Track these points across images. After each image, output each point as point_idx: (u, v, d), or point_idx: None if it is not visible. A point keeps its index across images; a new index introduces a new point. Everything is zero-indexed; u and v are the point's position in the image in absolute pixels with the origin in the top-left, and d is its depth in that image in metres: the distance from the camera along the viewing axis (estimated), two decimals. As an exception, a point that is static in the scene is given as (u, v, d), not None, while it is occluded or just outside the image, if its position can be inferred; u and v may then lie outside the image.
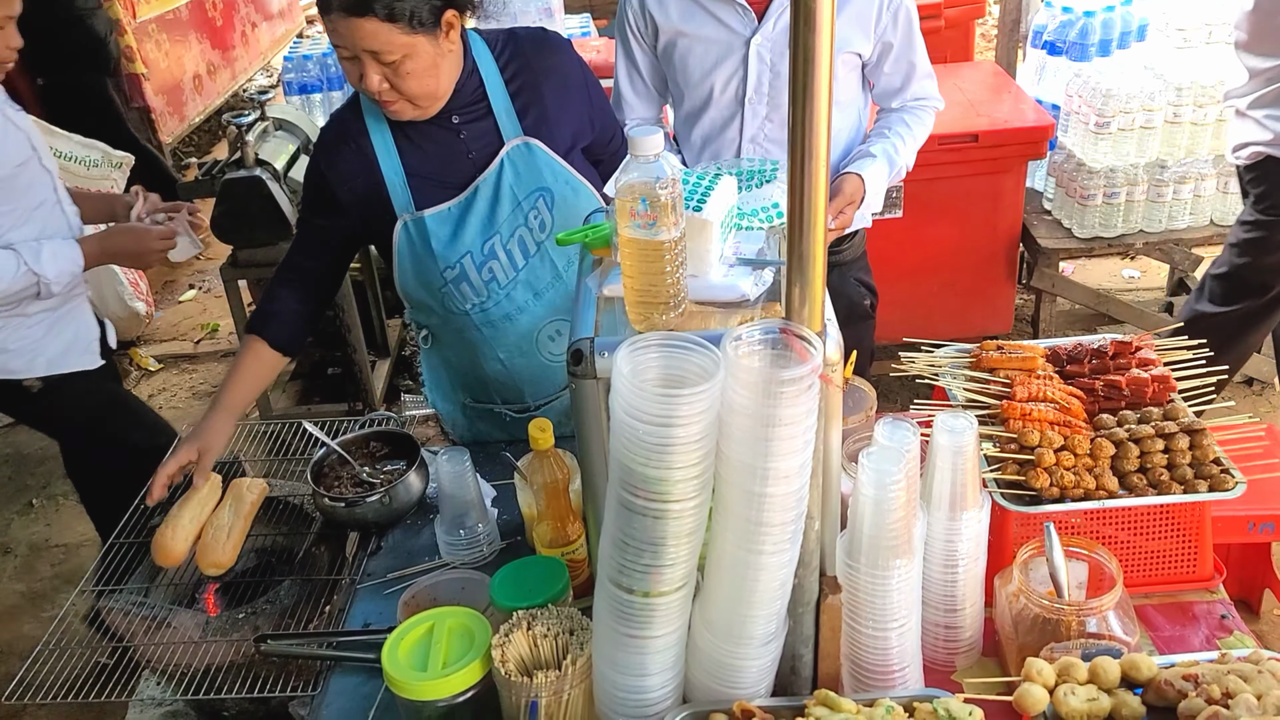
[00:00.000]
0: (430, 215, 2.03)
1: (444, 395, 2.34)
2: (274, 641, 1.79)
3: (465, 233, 2.05)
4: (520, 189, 2.06)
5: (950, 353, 2.00)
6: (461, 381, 2.29)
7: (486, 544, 1.94)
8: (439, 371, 2.31)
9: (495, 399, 2.28)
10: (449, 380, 2.31)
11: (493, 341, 2.15)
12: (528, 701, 1.40)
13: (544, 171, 2.07)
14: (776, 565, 1.26)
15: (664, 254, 1.30)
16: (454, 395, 2.32)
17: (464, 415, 2.33)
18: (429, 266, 2.07)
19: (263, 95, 4.00)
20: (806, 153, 1.17)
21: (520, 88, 2.06)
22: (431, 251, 2.05)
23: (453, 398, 2.33)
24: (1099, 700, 1.33)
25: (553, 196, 2.08)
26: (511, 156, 2.05)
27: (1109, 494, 1.68)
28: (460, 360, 2.24)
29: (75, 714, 3.13)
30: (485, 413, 2.31)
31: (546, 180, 2.07)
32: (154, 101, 6.45)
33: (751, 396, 1.17)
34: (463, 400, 2.32)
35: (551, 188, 2.07)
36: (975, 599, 1.62)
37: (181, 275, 5.89)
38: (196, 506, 2.04)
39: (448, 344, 2.23)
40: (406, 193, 2.03)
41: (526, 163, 2.05)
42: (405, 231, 2.05)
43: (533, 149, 2.05)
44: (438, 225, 2.04)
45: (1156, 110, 3.62)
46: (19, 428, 4.58)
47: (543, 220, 2.08)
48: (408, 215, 2.04)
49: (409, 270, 2.10)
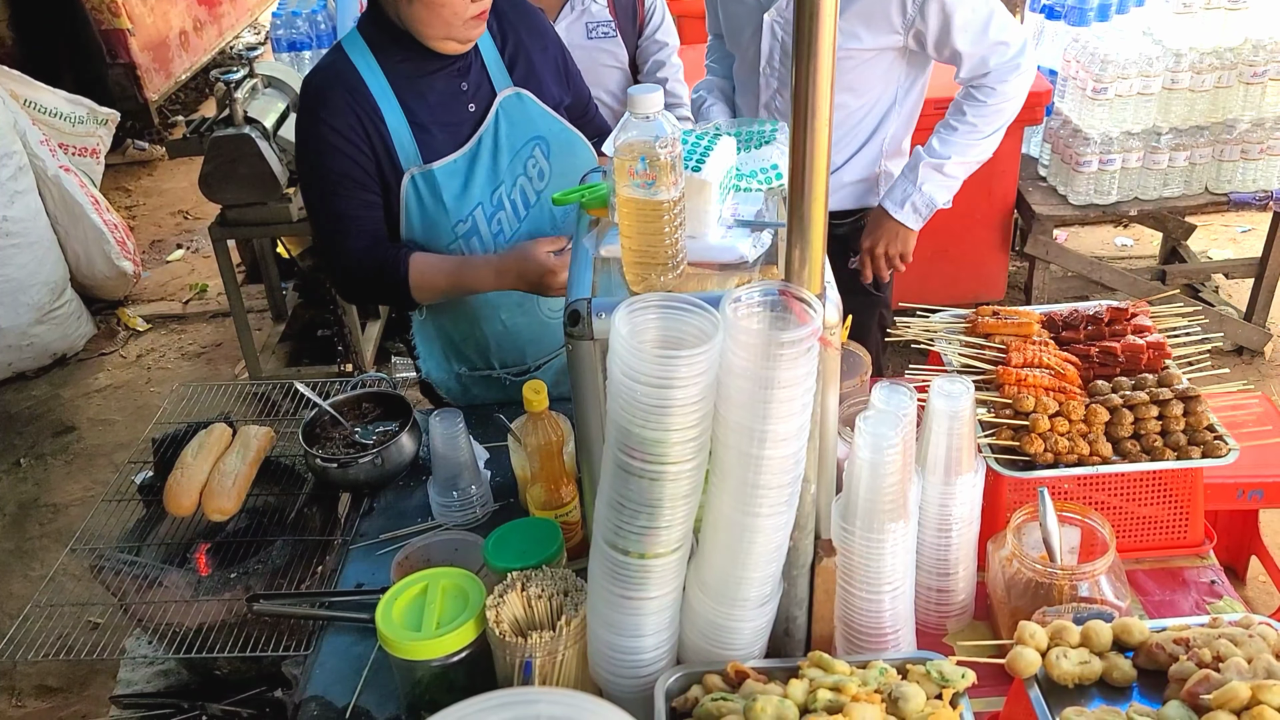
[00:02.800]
0: (439, 168, 2.00)
1: (438, 364, 2.31)
2: (266, 601, 1.79)
3: (474, 184, 2.02)
4: (516, 138, 2.05)
5: (946, 318, 2.00)
6: (457, 350, 2.26)
7: (479, 506, 1.94)
8: (433, 342, 2.28)
9: (494, 364, 2.26)
10: (443, 350, 2.28)
11: (495, 300, 2.13)
12: (522, 661, 1.40)
13: (537, 121, 2.07)
14: (772, 528, 1.26)
15: (663, 214, 1.29)
16: (449, 365, 2.30)
17: (459, 383, 2.32)
18: (439, 221, 2.03)
19: (251, 52, 3.94)
20: (809, 114, 1.15)
21: (505, 42, 2.08)
22: (443, 206, 2.01)
23: (447, 367, 2.30)
24: (1091, 663, 1.33)
25: (548, 145, 2.08)
26: (505, 106, 2.04)
27: (1103, 460, 1.68)
28: (458, 327, 2.22)
29: (67, 672, 3.14)
30: (481, 379, 2.29)
31: (540, 129, 2.07)
32: (139, 58, 6.37)
33: (750, 358, 1.16)
34: (458, 370, 2.30)
35: (546, 136, 2.08)
36: (968, 563, 1.62)
37: (169, 235, 5.83)
38: (207, 452, 2.04)
39: (445, 311, 2.20)
40: (413, 144, 1.98)
41: (520, 112, 2.06)
42: (414, 186, 2.01)
43: (524, 99, 2.06)
44: (448, 178, 2.00)
45: (1154, 77, 3.59)
46: (5, 387, 4.56)
47: (541, 169, 2.08)
48: (415, 169, 1.99)
49: (417, 227, 2.05)
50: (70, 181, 4.71)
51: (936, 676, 1.30)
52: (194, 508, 2.01)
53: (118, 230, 4.96)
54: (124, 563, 1.97)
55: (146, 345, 4.87)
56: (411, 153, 1.99)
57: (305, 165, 2.04)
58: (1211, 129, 3.68)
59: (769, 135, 1.60)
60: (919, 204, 2.56)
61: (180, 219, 6.00)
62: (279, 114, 3.82)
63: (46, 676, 3.15)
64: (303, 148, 2.02)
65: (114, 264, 4.90)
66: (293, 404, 2.38)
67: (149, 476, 2.19)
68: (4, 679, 3.17)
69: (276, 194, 3.71)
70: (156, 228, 5.92)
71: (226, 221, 3.83)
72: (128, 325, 4.99)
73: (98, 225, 4.79)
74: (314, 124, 1.98)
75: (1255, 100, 3.62)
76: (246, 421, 2.24)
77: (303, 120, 2.01)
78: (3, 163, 4.37)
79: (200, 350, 4.80)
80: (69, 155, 5.10)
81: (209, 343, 4.85)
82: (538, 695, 0.96)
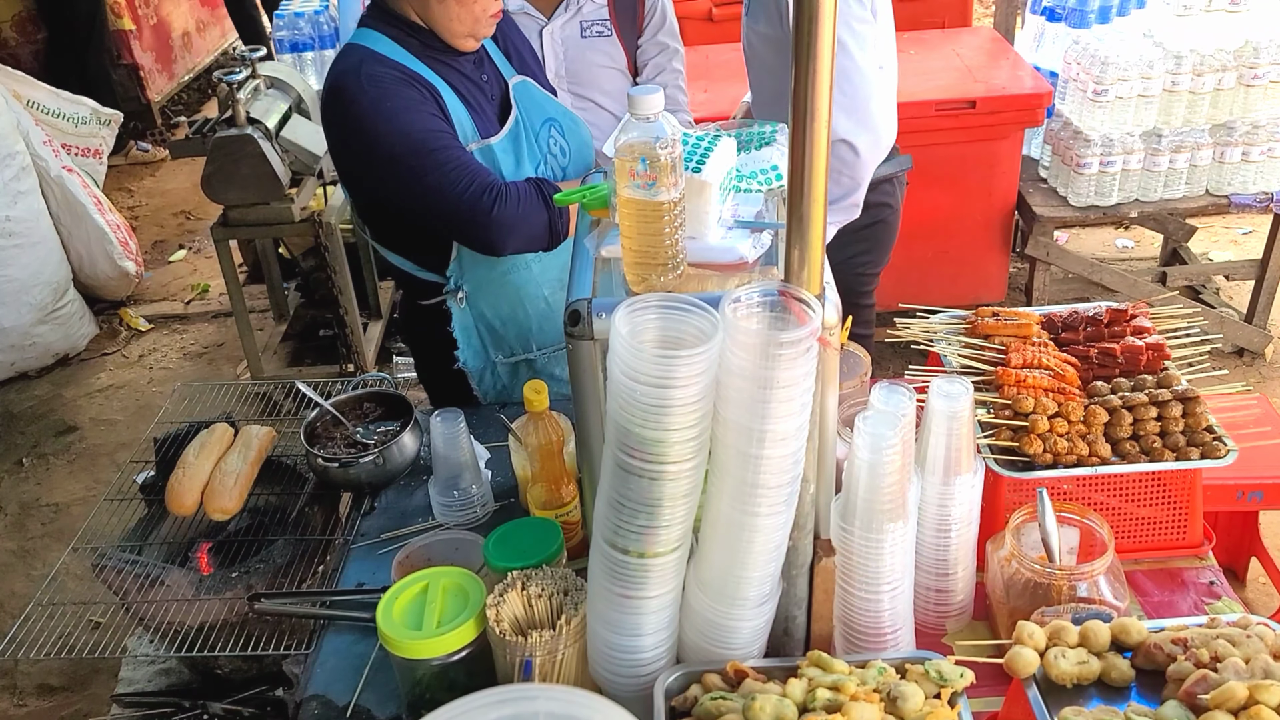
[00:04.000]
0: (497, 142, 2.03)
1: (475, 354, 2.29)
2: (267, 600, 1.80)
3: (524, 159, 2.07)
4: (534, 122, 2.12)
5: (945, 319, 2.00)
6: (496, 337, 2.27)
7: (480, 505, 1.95)
8: (471, 332, 2.27)
9: (533, 346, 2.29)
10: (481, 338, 2.28)
11: (540, 278, 2.18)
12: (522, 660, 1.40)
13: (546, 105, 2.16)
14: (771, 527, 1.27)
15: (663, 215, 1.29)
16: (486, 354, 2.30)
17: (493, 374, 2.33)
18: None
19: (254, 53, 3.94)
20: (808, 115, 1.16)
21: (498, 36, 2.16)
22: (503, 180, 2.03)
23: (484, 356, 2.30)
24: (1089, 663, 1.34)
25: (561, 126, 2.16)
26: (519, 93, 2.12)
27: (1101, 460, 1.69)
28: (499, 311, 2.23)
29: (69, 670, 3.14)
30: (512, 368, 2.32)
31: (551, 112, 2.16)
32: (142, 59, 6.38)
33: (749, 358, 1.16)
34: (495, 358, 2.31)
35: (556, 117, 2.16)
36: (967, 563, 1.63)
37: (171, 235, 5.84)
38: (209, 451, 2.05)
39: (486, 296, 2.20)
40: (470, 121, 2.02)
41: (529, 98, 2.14)
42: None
43: (529, 85, 2.15)
44: (504, 153, 2.04)
45: (1155, 79, 3.60)
46: (8, 386, 4.57)
47: (562, 146, 2.15)
48: (475, 144, 2.01)
49: None
50: (73, 182, 4.72)
51: (935, 676, 1.30)
52: (195, 507, 2.02)
53: (120, 230, 4.97)
54: (126, 562, 1.98)
55: (149, 345, 4.88)
56: (470, 129, 2.02)
57: (386, 144, 1.90)
58: (1212, 131, 3.68)
59: (769, 136, 1.61)
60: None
61: (183, 219, 6.01)
62: (281, 115, 3.83)
63: (48, 675, 3.16)
64: (384, 126, 1.90)
65: (116, 264, 4.91)
66: (294, 404, 2.39)
67: (150, 476, 2.19)
68: (6, 678, 3.18)
69: (278, 194, 3.71)
70: (159, 228, 5.93)
71: (228, 222, 3.84)
72: (130, 325, 5.00)
73: (100, 225, 4.80)
74: (377, 102, 1.89)
75: (1256, 102, 3.62)
76: (248, 421, 2.24)
77: (359, 107, 1.90)
78: (6, 163, 4.38)
79: (202, 350, 4.81)
80: (72, 156, 5.11)
81: (211, 343, 4.86)
82: (538, 692, 0.97)
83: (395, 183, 1.96)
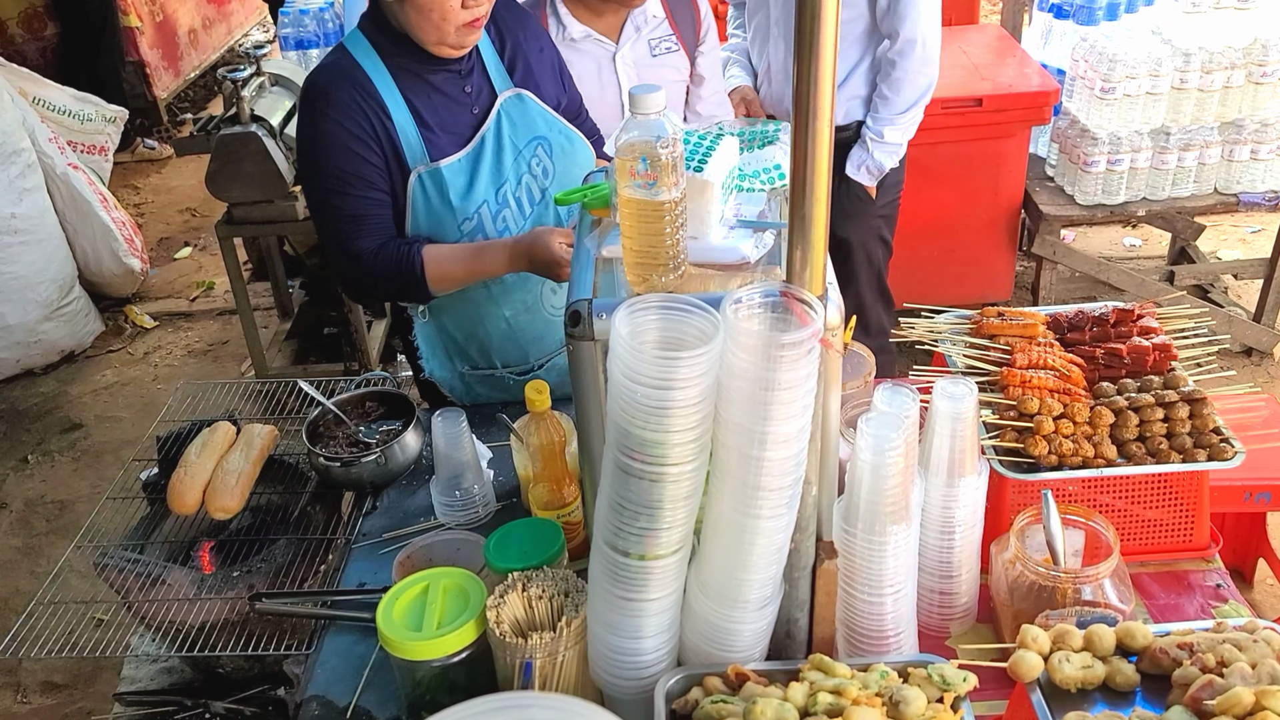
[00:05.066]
0: (446, 165, 2.00)
1: (441, 364, 2.30)
2: (269, 600, 1.80)
3: (479, 182, 2.03)
4: (519, 138, 2.07)
5: (950, 319, 1.99)
6: (460, 350, 2.26)
7: (482, 505, 1.94)
8: (435, 343, 2.27)
9: (496, 363, 2.26)
10: (445, 350, 2.28)
11: (500, 299, 2.14)
12: (522, 662, 1.40)
13: (538, 121, 2.09)
14: (773, 530, 1.26)
15: (664, 214, 1.28)
16: (452, 364, 2.30)
17: (462, 383, 2.31)
18: (445, 220, 2.04)
19: (259, 50, 3.95)
20: (810, 114, 1.15)
21: (504, 44, 2.09)
22: (449, 204, 2.02)
23: (450, 367, 2.30)
24: (1094, 668, 1.32)
25: (550, 145, 2.10)
26: (506, 108, 2.06)
27: (1107, 462, 1.67)
28: (460, 328, 2.22)
29: (72, 668, 3.15)
30: (485, 378, 2.29)
31: (541, 130, 2.09)
32: (148, 56, 6.38)
33: (751, 360, 1.15)
34: (461, 369, 2.30)
35: (548, 136, 2.10)
36: (971, 566, 1.62)
37: (177, 233, 5.85)
38: (211, 450, 2.04)
39: (447, 311, 2.20)
40: (420, 143, 1.99)
41: (521, 113, 2.07)
42: (420, 185, 2.01)
43: (525, 100, 2.08)
44: (454, 176, 2.01)
45: (1163, 76, 3.58)
46: (13, 383, 4.58)
47: (545, 167, 2.09)
48: (423, 167, 1.99)
49: (423, 225, 2.05)
50: (79, 179, 4.72)
51: (938, 680, 1.29)
52: (197, 506, 2.01)
53: (125, 228, 4.98)
54: (128, 560, 1.98)
55: (153, 342, 4.88)
56: (419, 151, 1.99)
57: (311, 164, 2.01)
58: (1221, 129, 3.66)
59: (772, 135, 1.60)
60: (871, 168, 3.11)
61: (188, 216, 6.02)
62: (285, 112, 3.83)
63: (52, 673, 3.17)
64: (310, 146, 2.00)
65: (122, 261, 4.92)
66: (297, 402, 2.39)
67: (153, 474, 2.19)
68: (10, 675, 3.19)
69: (283, 192, 3.72)
70: (164, 225, 5.94)
71: (233, 219, 3.84)
72: (135, 322, 5.00)
73: (106, 223, 4.80)
74: (321, 121, 1.96)
75: (1265, 100, 3.60)
76: (251, 420, 2.24)
77: (308, 118, 1.99)
78: (11, 160, 4.38)
79: (207, 347, 4.81)
80: (77, 153, 5.12)
81: (215, 340, 4.86)
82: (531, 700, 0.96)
83: (309, 204, 2.09)
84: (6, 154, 4.36)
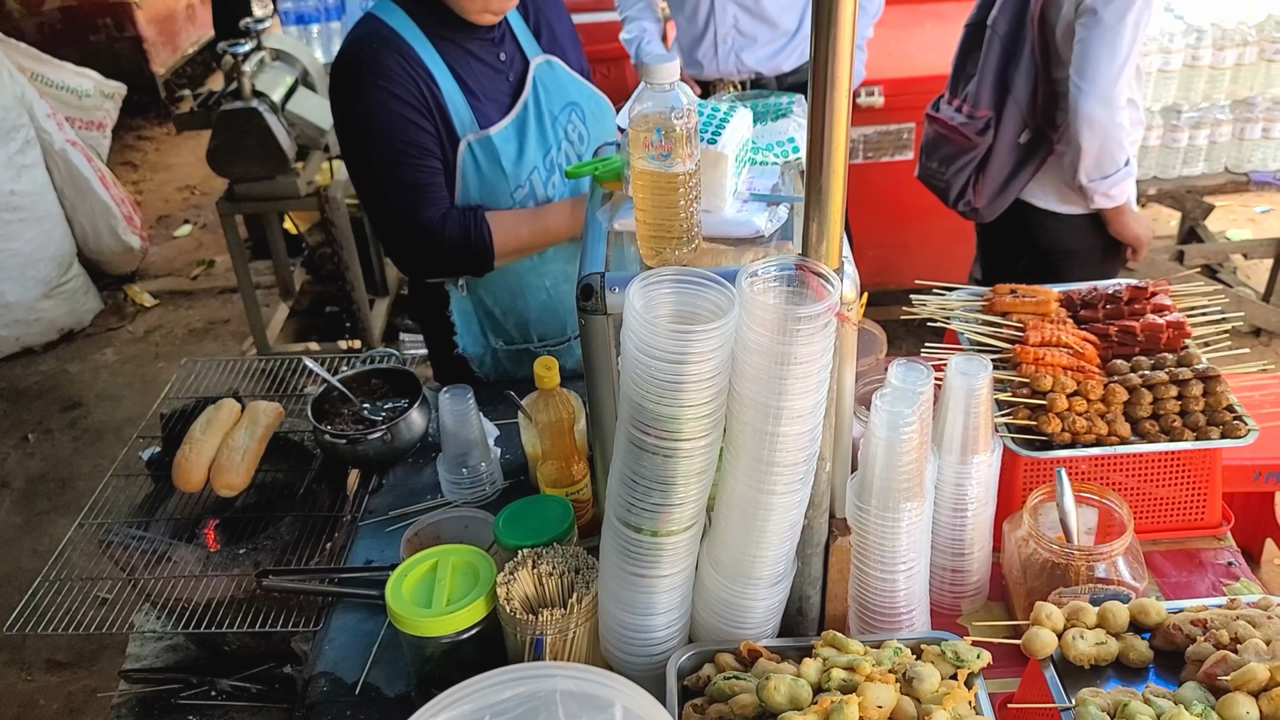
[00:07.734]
0: (496, 134, 1.98)
1: (474, 340, 2.27)
2: (275, 577, 1.78)
3: (528, 148, 2.02)
4: (554, 104, 2.06)
5: (963, 296, 1.97)
6: (496, 325, 2.24)
7: (489, 483, 1.93)
8: (471, 318, 2.24)
9: (533, 337, 2.24)
10: (480, 325, 2.25)
11: (541, 269, 2.14)
12: (533, 639, 1.39)
13: (569, 87, 2.09)
14: (787, 506, 1.25)
15: (678, 187, 1.27)
16: (485, 340, 2.27)
17: (493, 359, 2.30)
18: (499, 187, 2.01)
19: (259, 25, 3.90)
20: (828, 86, 1.13)
21: (529, 11, 2.08)
22: (502, 171, 1.99)
23: (484, 342, 2.27)
24: (1107, 644, 1.32)
25: (583, 111, 2.10)
26: (539, 74, 2.05)
27: (1121, 440, 1.66)
28: (499, 301, 2.19)
29: (76, 646, 3.15)
30: (514, 354, 2.28)
31: (573, 95, 2.09)
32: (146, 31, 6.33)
33: (766, 333, 1.14)
34: (494, 345, 2.27)
35: (579, 101, 2.10)
36: (984, 543, 1.61)
37: (177, 210, 5.82)
38: (216, 427, 2.03)
39: (486, 285, 2.17)
40: (469, 111, 1.96)
41: (553, 80, 2.07)
42: (470, 153, 1.98)
43: (554, 66, 2.08)
44: (504, 143, 1.99)
45: (1175, 53, 3.54)
46: (13, 361, 4.56)
47: (580, 133, 2.10)
48: (472, 135, 1.97)
49: (474, 194, 2.02)
50: (77, 155, 4.69)
51: (951, 657, 1.29)
52: (203, 483, 2.00)
53: (125, 205, 4.95)
54: (133, 538, 1.96)
55: (155, 321, 4.86)
56: (467, 119, 1.97)
57: (364, 138, 1.94)
58: (1232, 107, 3.62)
59: (785, 108, 1.58)
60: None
61: (188, 194, 5.98)
62: (287, 88, 3.80)
63: (56, 651, 3.17)
64: (362, 118, 1.92)
65: (121, 239, 4.89)
66: (301, 380, 2.37)
67: (157, 452, 2.17)
68: (14, 653, 3.19)
69: (284, 168, 3.69)
70: (164, 202, 5.91)
71: (234, 196, 3.81)
72: (135, 301, 4.98)
73: (105, 199, 4.77)
74: (371, 92, 1.89)
75: (1277, 77, 3.57)
76: (255, 397, 2.22)
77: (355, 92, 1.92)
78: (10, 136, 4.35)
79: (208, 326, 4.80)
80: (76, 129, 5.08)
81: (217, 318, 4.84)
82: (554, 670, 0.95)
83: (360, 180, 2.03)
84: (5, 130, 4.33)
